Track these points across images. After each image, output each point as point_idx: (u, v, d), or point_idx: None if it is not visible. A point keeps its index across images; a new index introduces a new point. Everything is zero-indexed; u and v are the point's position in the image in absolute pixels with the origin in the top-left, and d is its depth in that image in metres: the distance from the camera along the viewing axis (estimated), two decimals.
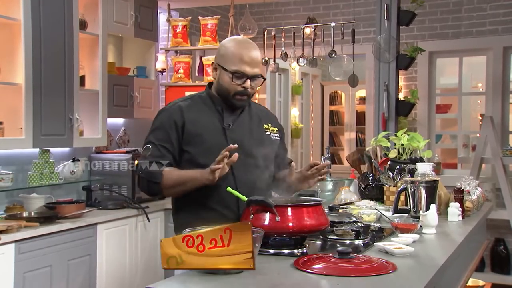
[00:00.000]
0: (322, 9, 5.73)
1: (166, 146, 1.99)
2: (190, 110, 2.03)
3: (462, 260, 2.39)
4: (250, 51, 1.99)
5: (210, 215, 1.93)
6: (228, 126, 2.02)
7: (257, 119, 2.13)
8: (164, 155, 1.98)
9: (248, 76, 1.98)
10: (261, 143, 2.05)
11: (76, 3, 3.41)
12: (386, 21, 4.07)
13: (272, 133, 2.14)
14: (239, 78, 1.97)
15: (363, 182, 2.90)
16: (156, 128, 2.04)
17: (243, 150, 1.94)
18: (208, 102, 2.06)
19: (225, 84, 2.00)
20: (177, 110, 2.02)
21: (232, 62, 1.98)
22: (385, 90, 4.07)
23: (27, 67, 3.08)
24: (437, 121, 5.54)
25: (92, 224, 3.25)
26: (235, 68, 1.97)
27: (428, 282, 1.47)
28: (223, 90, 2.01)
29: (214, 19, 4.43)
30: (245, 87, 1.98)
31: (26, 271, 2.81)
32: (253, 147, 2.01)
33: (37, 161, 3.34)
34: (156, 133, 2.02)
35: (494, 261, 5.01)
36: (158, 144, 1.99)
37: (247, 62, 1.97)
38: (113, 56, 4.31)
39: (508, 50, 5.12)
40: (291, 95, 6.72)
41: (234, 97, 2.00)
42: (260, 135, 2.10)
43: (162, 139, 2.00)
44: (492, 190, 4.82)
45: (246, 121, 2.08)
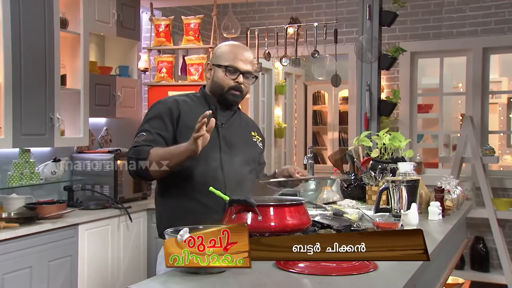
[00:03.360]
0: (305, 9, 5.75)
1: (161, 133, 2.00)
2: (185, 104, 2.08)
3: (443, 258, 2.42)
4: (243, 51, 2.12)
5: (195, 207, 1.96)
6: (221, 124, 2.08)
7: (246, 125, 2.23)
8: (157, 141, 1.98)
9: (241, 71, 2.07)
10: (248, 146, 2.15)
11: (56, 1, 3.37)
12: (368, 21, 4.10)
13: (258, 141, 2.23)
14: (232, 73, 2.07)
15: (345, 181, 2.91)
16: (151, 118, 2.05)
17: (233, 148, 2.04)
18: (202, 101, 2.13)
19: (219, 80, 2.08)
20: (173, 102, 2.07)
21: (226, 59, 2.08)
22: (368, 90, 4.10)
23: (6, 65, 3.04)
24: (418, 121, 5.60)
25: (73, 224, 3.22)
26: (229, 63, 2.07)
27: (409, 280, 1.49)
28: (217, 86, 2.09)
29: (197, 18, 4.42)
30: (238, 82, 2.07)
31: (5, 273, 2.77)
32: (242, 147, 2.10)
33: (17, 161, 3.29)
34: (151, 122, 2.03)
35: (473, 259, 5.09)
36: (153, 131, 2.00)
37: (241, 59, 2.08)
38: (95, 55, 4.27)
39: (487, 51, 5.19)
40: (275, 95, 6.73)
41: (228, 92, 2.08)
42: (248, 138, 2.19)
43: (157, 127, 2.01)
44: (472, 189, 4.89)
45: (237, 123, 2.17)
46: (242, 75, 2.08)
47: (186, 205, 1.99)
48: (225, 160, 2.02)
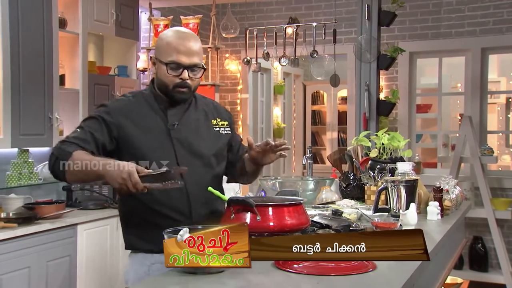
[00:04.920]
0: (304, 9, 5.75)
1: (94, 134, 1.81)
2: (132, 109, 1.88)
3: (441, 258, 2.42)
4: (185, 41, 1.86)
5: (161, 221, 1.79)
6: (173, 126, 1.88)
7: (203, 115, 1.99)
8: (87, 140, 1.80)
9: (185, 66, 1.84)
10: (209, 141, 1.96)
11: (55, 1, 3.38)
12: (367, 21, 4.10)
13: (222, 128, 2.02)
14: (174, 70, 1.84)
15: (344, 181, 2.92)
16: (89, 118, 1.88)
17: (190, 150, 1.88)
18: (151, 101, 1.92)
19: (162, 77, 1.87)
20: (117, 107, 1.88)
21: (167, 53, 1.85)
22: (366, 90, 4.10)
23: (5, 65, 3.04)
24: (417, 121, 5.60)
25: (72, 224, 3.22)
26: (170, 59, 1.84)
27: (407, 280, 1.49)
28: (161, 84, 1.89)
29: (196, 18, 4.42)
30: (182, 78, 1.85)
31: (3, 273, 2.77)
32: (200, 146, 1.92)
33: (15, 161, 3.29)
34: (89, 122, 1.85)
35: (472, 259, 5.09)
36: (87, 130, 1.82)
37: (183, 51, 1.84)
38: (94, 55, 4.27)
39: (486, 51, 5.20)
40: (273, 95, 6.73)
41: (174, 89, 1.87)
42: (207, 133, 1.97)
43: (92, 127, 1.83)
44: (470, 189, 4.89)
45: (192, 119, 1.95)
46: (186, 69, 1.85)
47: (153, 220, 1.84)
48: (183, 163, 1.83)
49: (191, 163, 1.86)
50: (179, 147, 1.87)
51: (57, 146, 1.80)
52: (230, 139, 2.05)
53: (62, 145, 1.78)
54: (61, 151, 1.76)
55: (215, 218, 1.83)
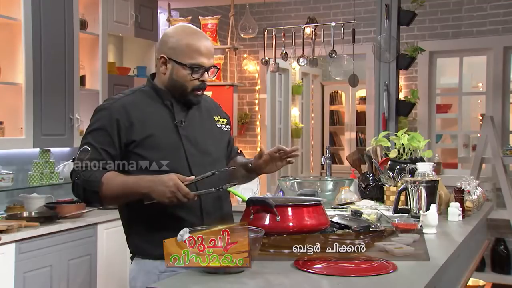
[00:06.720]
0: (322, 9, 5.73)
1: (108, 150, 1.74)
2: (135, 107, 1.80)
3: (463, 260, 2.39)
4: (204, 41, 1.81)
5: (169, 221, 1.74)
6: (181, 123, 1.83)
7: (206, 112, 1.94)
8: (105, 160, 1.73)
9: (206, 68, 1.81)
10: (215, 138, 1.93)
11: (76, 3, 3.42)
12: (387, 21, 4.07)
13: (223, 125, 1.98)
14: (197, 72, 1.80)
15: (364, 182, 2.89)
16: (95, 129, 1.77)
17: (198, 147, 1.83)
18: (154, 97, 1.84)
19: (182, 80, 1.80)
20: (120, 108, 1.78)
21: (188, 56, 1.78)
22: (386, 90, 4.06)
23: (27, 67, 3.08)
24: (437, 121, 5.54)
25: (92, 224, 3.25)
26: (193, 62, 1.78)
27: (429, 282, 1.47)
28: (178, 86, 1.81)
29: (215, 19, 4.44)
30: (203, 81, 1.82)
31: (26, 271, 2.81)
32: (207, 144, 1.88)
33: (37, 161, 3.34)
34: (96, 135, 1.76)
35: (494, 261, 5.01)
36: (98, 147, 1.74)
37: (204, 53, 1.79)
38: (114, 56, 4.31)
39: (508, 50, 5.12)
40: (291, 95, 6.72)
41: (191, 92, 1.82)
42: (212, 129, 1.93)
43: (103, 142, 1.74)
44: (492, 190, 4.82)
45: (197, 116, 1.89)
46: (207, 71, 1.82)
47: (160, 221, 1.77)
48: (194, 162, 1.80)
49: (201, 161, 1.82)
50: (188, 145, 1.82)
51: (78, 175, 1.72)
52: (229, 137, 2.03)
53: (84, 173, 1.71)
54: (88, 183, 1.71)
55: (224, 219, 1.82)
